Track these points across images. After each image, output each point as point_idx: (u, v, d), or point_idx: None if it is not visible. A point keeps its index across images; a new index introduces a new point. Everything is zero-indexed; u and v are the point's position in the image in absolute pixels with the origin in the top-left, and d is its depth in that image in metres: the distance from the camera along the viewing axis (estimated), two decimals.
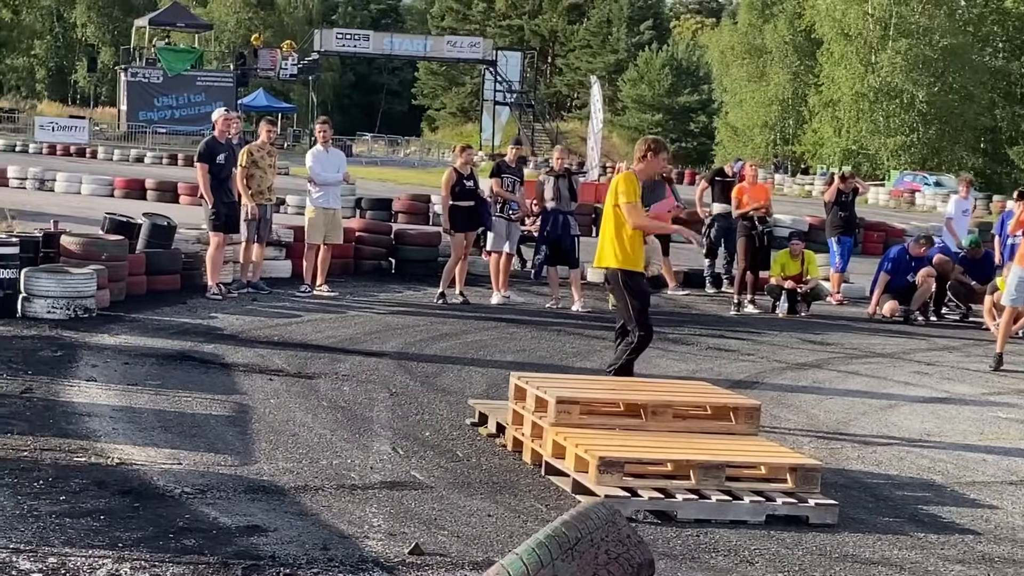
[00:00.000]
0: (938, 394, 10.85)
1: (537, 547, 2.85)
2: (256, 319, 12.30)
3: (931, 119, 57.71)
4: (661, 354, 11.83)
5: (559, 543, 2.83)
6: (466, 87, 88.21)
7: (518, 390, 7.88)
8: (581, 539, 2.83)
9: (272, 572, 5.25)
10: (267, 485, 6.62)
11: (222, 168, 13.55)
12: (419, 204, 24.94)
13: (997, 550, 6.45)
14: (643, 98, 78.24)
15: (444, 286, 14.34)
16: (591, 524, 2.87)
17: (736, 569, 5.81)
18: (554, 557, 2.79)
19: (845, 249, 16.98)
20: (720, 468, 6.72)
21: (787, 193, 51.40)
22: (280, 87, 77.05)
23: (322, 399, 8.92)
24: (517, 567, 2.82)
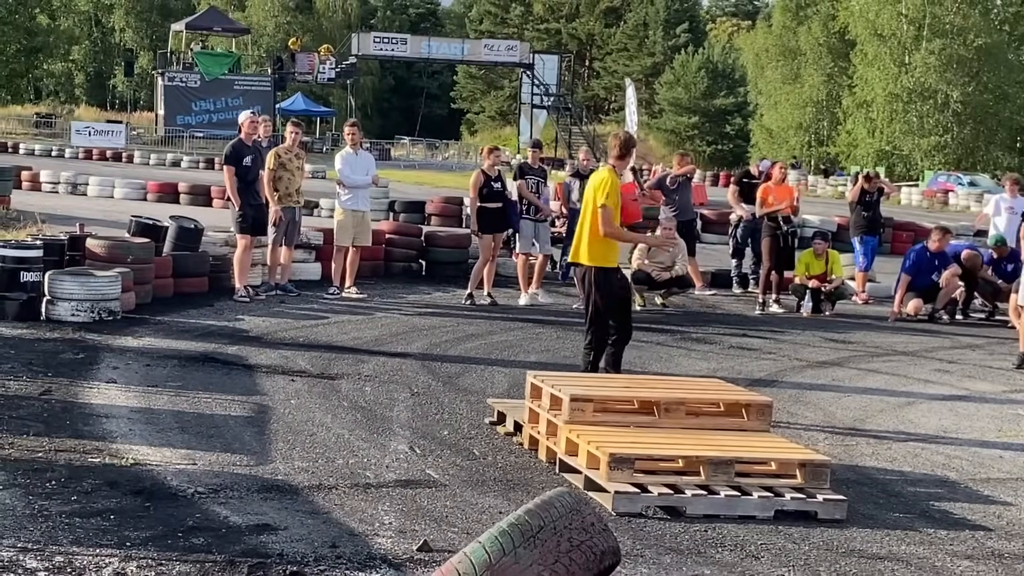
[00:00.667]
0: (958, 392, 10.82)
1: (500, 535, 2.90)
2: (282, 321, 12.41)
3: (965, 119, 57.33)
4: (684, 353, 11.86)
5: (521, 531, 2.87)
6: (504, 91, 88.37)
7: (534, 389, 7.94)
8: (544, 527, 2.87)
9: (279, 570, 5.32)
10: (281, 484, 6.70)
11: (249, 170, 13.68)
12: (452, 206, 25.02)
13: (1008, 546, 6.44)
14: (679, 101, 78.14)
15: (472, 287, 14.42)
16: (555, 512, 2.92)
17: (741, 564, 5.84)
18: (516, 545, 2.84)
19: (869, 249, 16.93)
20: (730, 464, 6.75)
21: (820, 194, 51.15)
22: (319, 91, 77.44)
23: (343, 399, 8.99)
24: (479, 555, 2.87)
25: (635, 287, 14.92)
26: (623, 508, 6.47)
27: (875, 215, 17.11)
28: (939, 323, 15.18)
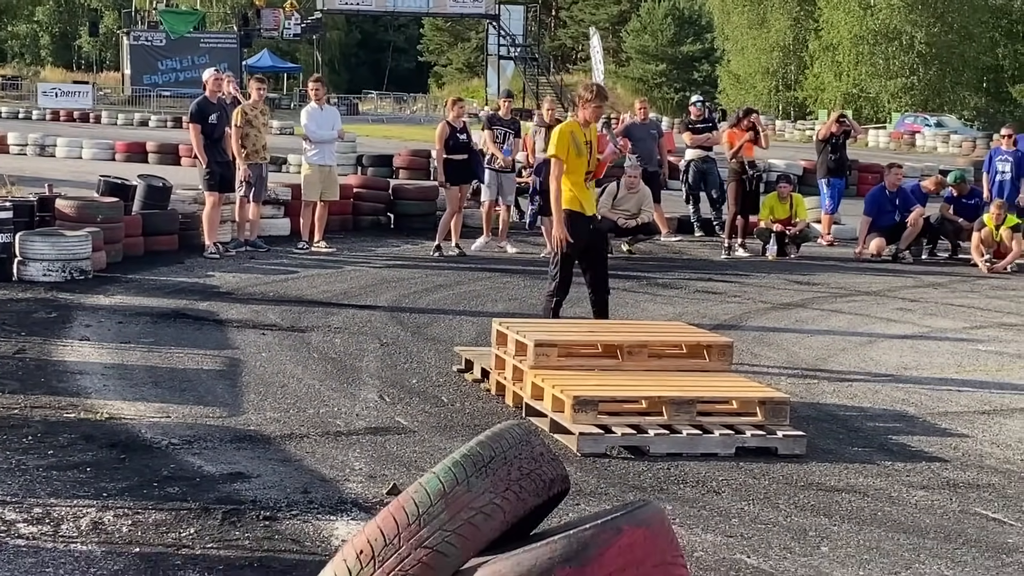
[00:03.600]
0: (920, 330, 11.03)
1: (453, 465, 3.04)
2: (252, 276, 12.50)
3: (931, 60, 57.55)
4: (650, 298, 12.03)
5: (474, 461, 3.01)
6: (471, 42, 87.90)
7: (500, 336, 8.08)
8: (495, 457, 3.01)
9: (252, 515, 5.45)
10: (253, 434, 6.83)
11: (215, 128, 13.72)
12: (419, 159, 24.99)
13: (962, 476, 6.63)
14: (647, 48, 77.92)
15: (440, 239, 14.53)
16: (505, 443, 3.06)
17: (703, 499, 6.02)
18: (469, 474, 2.98)
19: (836, 191, 17.10)
20: (691, 403, 6.92)
21: (787, 139, 51.36)
22: (285, 47, 76.96)
23: (313, 351, 9.12)
24: (434, 484, 3.01)
25: None
26: (588, 449, 6.63)
27: (842, 157, 17.26)
28: (903, 263, 15.40)
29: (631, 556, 2.78)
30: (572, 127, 8.98)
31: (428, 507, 2.93)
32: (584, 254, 8.97)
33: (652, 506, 2.99)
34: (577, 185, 8.91)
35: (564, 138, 8.83)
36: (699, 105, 17.78)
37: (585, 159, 8.91)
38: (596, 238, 9.13)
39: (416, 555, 2.87)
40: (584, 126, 8.97)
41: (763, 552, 5.28)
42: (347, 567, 2.92)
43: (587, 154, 8.90)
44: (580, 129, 8.93)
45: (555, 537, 2.80)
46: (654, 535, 2.85)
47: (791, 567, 5.12)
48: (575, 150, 8.82)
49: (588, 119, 9.00)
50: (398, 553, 2.88)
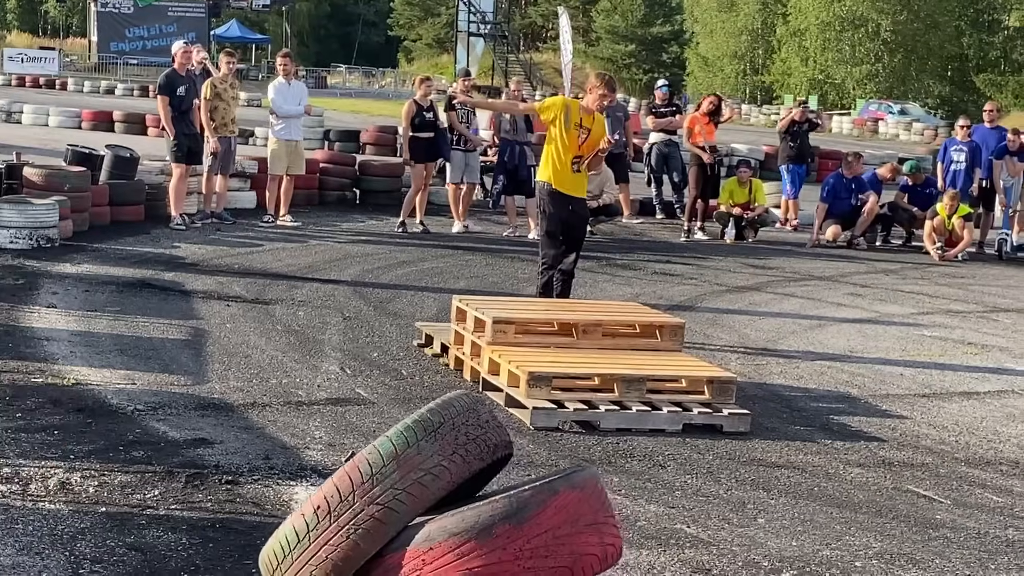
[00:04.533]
0: (868, 314, 11.34)
1: (405, 430, 3.28)
2: (218, 248, 12.67)
3: (896, 48, 58.10)
4: (608, 279, 12.28)
5: (424, 426, 3.26)
6: (442, 18, 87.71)
7: (459, 312, 8.31)
8: (444, 423, 3.26)
9: (215, 479, 5.67)
10: (217, 402, 7.04)
11: (183, 100, 13.84)
12: (387, 136, 25.14)
13: (898, 455, 6.93)
14: (616, 28, 78.06)
15: (404, 215, 14.73)
16: (453, 411, 3.30)
17: (648, 472, 6.28)
18: (419, 438, 3.22)
19: (796, 177, 17.40)
20: (641, 381, 7.18)
21: (753, 123, 51.76)
22: (254, 18, 76.67)
23: (277, 323, 9.32)
24: (386, 447, 3.25)
25: None
26: (540, 423, 6.88)
27: (802, 145, 17.52)
28: (857, 249, 15.73)
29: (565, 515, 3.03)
30: (571, 103, 9.22)
31: (381, 467, 3.19)
32: (564, 231, 9.18)
33: (587, 471, 3.24)
34: (562, 163, 9.07)
35: (555, 105, 9.12)
36: (664, 90, 18.03)
37: (573, 140, 9.05)
38: (575, 220, 9.29)
39: (369, 511, 3.12)
40: (587, 112, 9.14)
41: (702, 522, 5.54)
42: (305, 521, 3.17)
43: (577, 136, 9.03)
44: (578, 109, 9.11)
45: (496, 496, 3.06)
46: (587, 497, 3.10)
47: (727, 536, 5.39)
48: (562, 124, 9.01)
49: (590, 106, 9.16)
50: (352, 509, 3.13)
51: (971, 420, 7.84)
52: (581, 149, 9.09)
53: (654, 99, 18.20)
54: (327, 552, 3.12)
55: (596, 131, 9.15)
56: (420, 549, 3.03)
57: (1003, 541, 5.59)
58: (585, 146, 9.09)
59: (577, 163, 9.11)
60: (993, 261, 15.64)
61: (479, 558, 2.95)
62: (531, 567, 2.94)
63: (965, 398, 8.44)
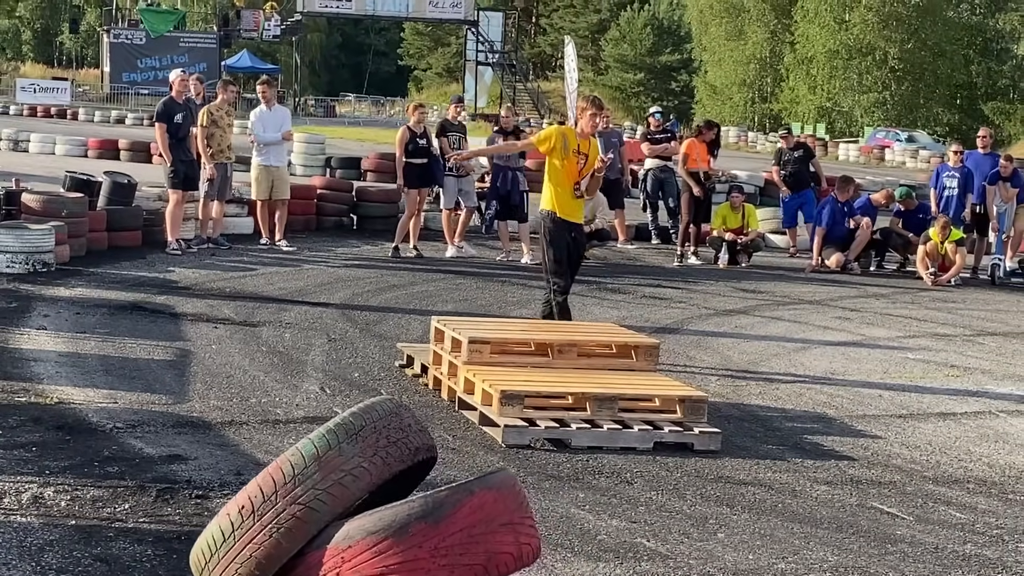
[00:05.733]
0: (854, 337, 11.41)
1: (327, 432, 3.39)
2: (211, 272, 12.81)
3: (904, 76, 58.33)
4: (597, 302, 12.38)
5: (346, 429, 3.37)
6: (451, 47, 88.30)
7: (438, 332, 8.41)
8: (365, 426, 3.36)
9: (185, 494, 5.78)
10: (195, 420, 7.15)
11: (180, 127, 14.02)
12: (387, 162, 25.21)
13: (867, 474, 7.00)
14: (625, 57, 78.52)
15: (398, 240, 14.87)
16: (375, 415, 3.41)
17: (615, 488, 6.36)
18: (341, 440, 3.34)
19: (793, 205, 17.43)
20: (613, 400, 7.27)
21: (759, 151, 51.89)
22: (266, 48, 77.22)
23: (262, 345, 9.43)
24: (309, 449, 3.36)
25: None
26: (512, 440, 6.98)
27: (796, 172, 17.38)
28: (851, 274, 15.81)
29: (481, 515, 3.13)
30: (566, 131, 9.29)
31: (303, 468, 3.30)
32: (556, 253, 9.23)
33: (504, 473, 3.34)
34: (563, 191, 9.15)
35: (552, 135, 9.17)
36: (658, 116, 18.17)
37: (573, 166, 9.12)
38: (574, 246, 9.33)
39: (290, 510, 3.23)
40: (582, 137, 9.21)
41: (662, 537, 5.63)
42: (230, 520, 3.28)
43: (576, 162, 9.11)
44: (574, 136, 9.19)
45: (413, 498, 3.16)
46: (503, 497, 3.20)
47: (685, 551, 5.47)
48: (560, 152, 9.09)
49: (585, 130, 9.23)
50: (275, 508, 3.24)
51: (944, 440, 7.91)
52: (580, 175, 9.15)
53: (648, 126, 18.32)
54: (251, 550, 3.23)
55: (593, 155, 9.22)
56: (340, 547, 3.14)
57: (959, 556, 5.66)
58: (584, 171, 9.16)
59: (578, 188, 9.18)
60: (986, 286, 15.69)
61: (396, 555, 3.05)
62: (446, 564, 3.04)
63: (941, 419, 8.51)
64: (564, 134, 9.21)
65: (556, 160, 9.15)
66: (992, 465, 7.38)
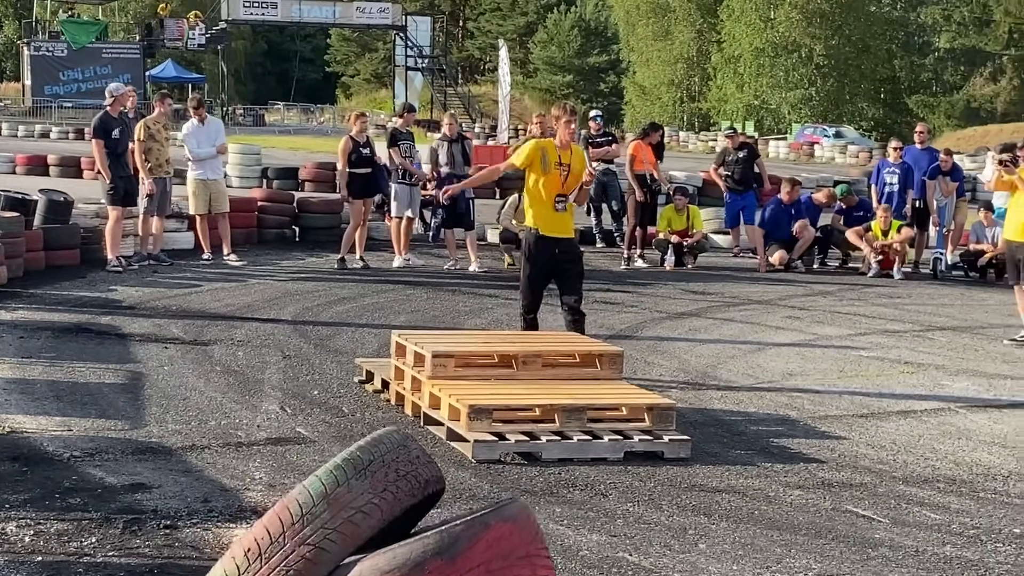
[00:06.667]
0: (806, 337, 11.45)
1: (334, 469, 3.28)
2: (155, 290, 12.58)
3: (830, 72, 58.99)
4: (550, 309, 12.18)
5: (354, 465, 3.26)
6: (379, 53, 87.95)
7: (399, 347, 8.29)
8: (374, 460, 3.25)
9: (153, 524, 5.62)
10: (155, 446, 6.98)
11: (118, 142, 13.77)
12: (326, 172, 25.03)
13: (837, 476, 6.98)
14: (553, 60, 78.71)
15: (344, 252, 14.71)
16: (383, 448, 3.30)
17: (591, 501, 6.29)
18: (349, 476, 3.22)
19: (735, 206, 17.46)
20: (582, 411, 7.20)
21: (691, 150, 52.19)
22: (190, 57, 76.37)
23: (215, 364, 9.26)
24: (316, 487, 3.24)
25: (503, 246, 15.40)
26: (482, 455, 6.88)
27: (739, 172, 17.37)
28: (795, 272, 15.89)
29: (498, 549, 3.03)
30: (545, 144, 9.03)
31: (311, 507, 3.18)
32: (554, 274, 9.07)
33: (518, 503, 3.24)
34: (543, 205, 8.92)
35: (529, 151, 8.94)
36: (598, 120, 18.15)
37: (555, 179, 8.88)
38: (564, 260, 9.09)
39: (299, 552, 3.11)
40: (562, 147, 8.95)
41: (644, 550, 5.56)
42: (235, 564, 3.15)
43: (559, 174, 8.87)
44: (554, 149, 8.92)
45: (427, 533, 3.05)
46: (519, 529, 3.10)
47: (669, 563, 5.40)
48: (539, 167, 8.86)
49: (563, 139, 8.98)
50: (283, 550, 3.11)
51: (908, 439, 7.92)
52: (564, 187, 8.93)
53: (589, 130, 18.28)
54: None
55: (576, 165, 8.98)
56: None
57: (940, 558, 5.64)
58: (568, 183, 8.94)
59: (561, 201, 8.93)
60: (928, 280, 15.85)
61: None
62: None
63: (902, 417, 8.53)
64: (543, 148, 8.95)
65: (534, 175, 8.93)
66: (959, 463, 7.39)
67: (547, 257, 9.00)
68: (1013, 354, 11.06)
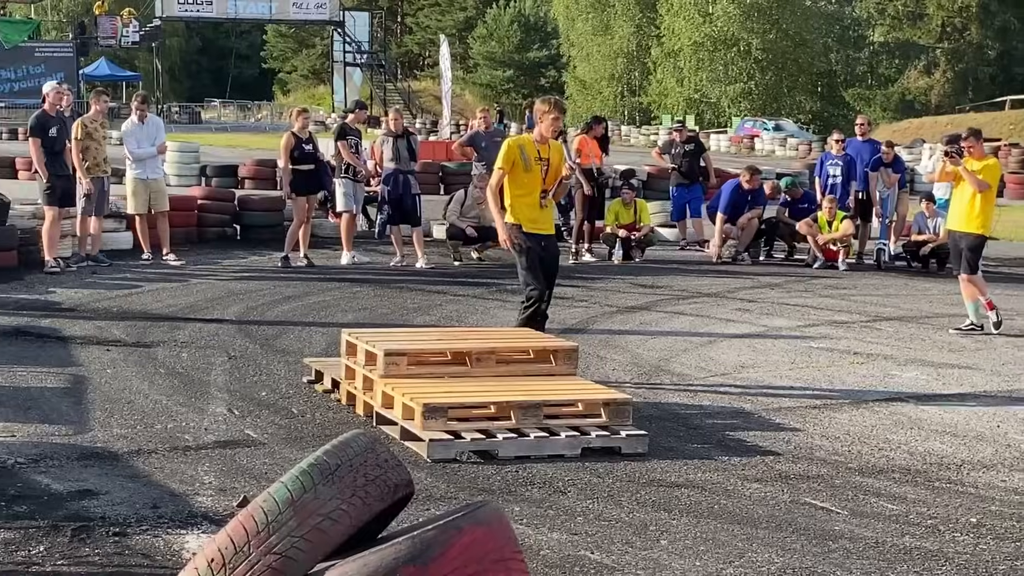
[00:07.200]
0: (757, 329, 11.44)
1: (301, 474, 3.16)
2: (95, 291, 12.35)
3: (768, 65, 59.38)
4: (500, 305, 12.23)
5: (320, 470, 3.14)
6: (316, 49, 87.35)
7: (349, 346, 8.16)
8: (341, 465, 3.14)
9: (102, 532, 5.46)
10: (101, 451, 6.81)
11: (55, 141, 13.51)
12: (266, 169, 24.77)
13: (794, 468, 6.95)
14: (494, 55, 78.47)
15: (288, 250, 14.54)
16: (351, 451, 3.19)
17: (549, 499, 6.20)
18: (316, 482, 3.11)
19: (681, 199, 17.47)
20: (538, 407, 7.11)
21: (633, 144, 52.30)
22: (124, 55, 75.51)
23: (160, 367, 9.08)
24: (282, 493, 3.13)
25: (450, 243, 15.29)
26: (438, 455, 6.77)
27: (686, 166, 17.35)
28: (742, 264, 15.92)
29: (471, 553, 2.93)
30: (522, 141, 8.89)
31: (277, 515, 3.06)
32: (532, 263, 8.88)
33: (491, 506, 3.14)
34: (527, 202, 8.79)
35: (510, 151, 8.74)
36: None
37: (536, 175, 8.77)
38: (547, 257, 8.99)
39: (265, 561, 2.99)
40: (541, 142, 8.82)
41: (606, 548, 5.48)
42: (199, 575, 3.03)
43: (540, 170, 8.76)
44: (532, 144, 8.78)
45: (399, 539, 2.95)
46: (493, 533, 3.01)
47: (632, 560, 5.33)
48: (522, 164, 8.71)
49: (544, 134, 8.83)
50: (248, 560, 2.99)
51: (861, 429, 7.91)
52: (546, 183, 8.82)
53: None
54: None
55: (555, 159, 8.88)
56: None
57: (900, 549, 5.61)
58: (549, 177, 8.83)
59: (543, 196, 8.83)
60: (872, 271, 15.94)
61: None
62: None
63: (855, 407, 8.52)
64: (522, 146, 8.81)
65: (518, 173, 8.77)
66: (912, 453, 7.39)
67: (536, 249, 8.84)
68: (959, 343, 11.11)
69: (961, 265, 11.45)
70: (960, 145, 11.35)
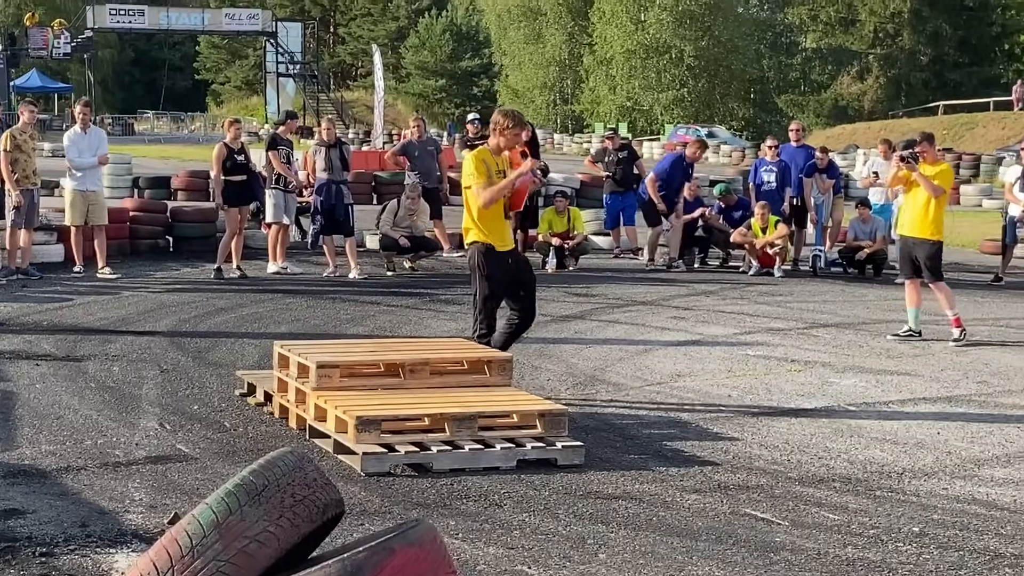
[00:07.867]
0: (693, 337, 11.44)
1: (226, 496, 3.07)
2: (25, 305, 12.13)
3: (700, 72, 59.76)
4: (433, 315, 12.14)
5: (247, 490, 3.05)
6: (249, 60, 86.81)
7: (282, 358, 8.04)
8: (268, 485, 3.06)
9: (28, 552, 5.32)
10: (28, 469, 6.65)
11: None
12: (199, 180, 24.51)
13: (733, 478, 6.92)
14: (426, 64, 78.33)
15: (220, 261, 14.38)
16: (278, 471, 3.11)
17: (485, 512, 6.12)
18: (242, 504, 3.02)
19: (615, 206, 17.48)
20: (473, 419, 7.03)
21: (566, 152, 52.44)
22: (56, 67, 74.60)
23: (90, 381, 8.91)
24: (207, 516, 3.04)
25: (383, 253, 15.19)
26: (372, 468, 6.68)
27: (620, 174, 17.33)
28: (676, 271, 15.94)
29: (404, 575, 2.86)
30: (483, 154, 8.45)
31: (202, 538, 2.96)
32: (510, 288, 8.58)
33: (424, 525, 3.07)
34: (496, 217, 8.44)
35: (479, 163, 8.31)
36: (476, 123, 18.00)
37: None
38: (520, 270, 8.71)
39: None
40: (496, 153, 8.48)
41: (543, 562, 5.41)
42: None
43: None
44: (492, 157, 8.44)
45: (329, 562, 2.86)
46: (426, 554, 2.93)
47: (569, 575, 5.27)
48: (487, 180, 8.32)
49: (502, 147, 8.49)
50: None
51: (800, 438, 7.90)
52: (512, 202, 8.57)
53: (467, 132, 18.14)
54: None
55: (508, 171, 8.50)
56: None
57: (843, 560, 5.59)
58: (516, 197, 8.58)
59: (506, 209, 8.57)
60: (808, 277, 16.02)
61: None
62: None
63: (793, 416, 8.52)
64: (484, 160, 8.41)
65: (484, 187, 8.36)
66: (852, 461, 7.38)
67: (504, 271, 8.49)
68: (896, 349, 11.16)
69: (925, 275, 11.41)
70: (915, 151, 11.34)
